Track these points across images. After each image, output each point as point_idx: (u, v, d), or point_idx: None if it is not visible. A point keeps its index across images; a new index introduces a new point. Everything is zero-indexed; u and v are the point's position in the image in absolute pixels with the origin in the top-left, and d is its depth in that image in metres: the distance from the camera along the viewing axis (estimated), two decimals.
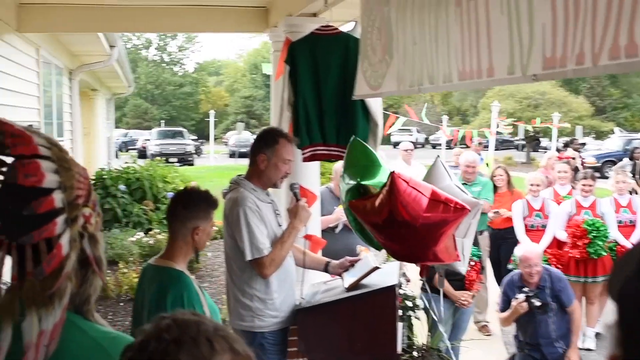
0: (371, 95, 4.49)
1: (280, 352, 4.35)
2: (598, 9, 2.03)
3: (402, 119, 17.28)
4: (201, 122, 63.64)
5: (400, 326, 5.06)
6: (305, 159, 5.11)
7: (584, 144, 35.77)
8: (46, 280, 1.67)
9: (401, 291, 5.77)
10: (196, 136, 54.72)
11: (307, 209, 4.38)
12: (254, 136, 5.04)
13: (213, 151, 41.76)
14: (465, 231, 3.95)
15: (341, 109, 4.91)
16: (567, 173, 9.03)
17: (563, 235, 7.90)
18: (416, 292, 6.17)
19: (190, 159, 38.49)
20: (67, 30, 8.21)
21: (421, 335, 5.98)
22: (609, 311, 7.63)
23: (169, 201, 3.52)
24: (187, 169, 28.85)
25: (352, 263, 4.66)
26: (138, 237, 11.09)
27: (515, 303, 5.78)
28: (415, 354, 5.69)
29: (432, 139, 50.33)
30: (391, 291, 4.26)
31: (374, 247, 4.53)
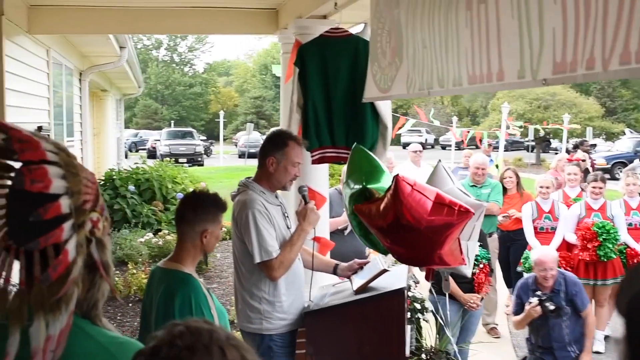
0: (381, 98, 4.48)
1: (288, 355, 4.33)
2: (609, 15, 2.02)
3: (412, 120, 17.30)
4: (211, 123, 63.80)
5: (409, 329, 5.05)
6: (314, 162, 5.10)
7: (594, 145, 35.68)
8: (53, 285, 1.66)
9: (410, 293, 5.76)
10: (206, 136, 54.85)
11: (316, 211, 4.36)
12: (264, 137, 5.04)
13: (222, 152, 41.82)
14: (469, 234, 3.93)
15: (350, 111, 4.89)
16: (576, 175, 9.00)
17: (573, 238, 7.87)
18: (425, 294, 6.16)
19: (199, 159, 38.55)
20: (77, 32, 8.24)
21: (430, 337, 5.97)
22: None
23: (178, 204, 3.52)
24: (197, 169, 28.93)
25: (361, 265, 4.65)
26: (147, 237, 11.12)
27: (529, 307, 5.75)
28: (423, 357, 5.68)
29: (442, 140, 50.16)
30: (400, 294, 4.24)
31: (379, 252, 4.52)
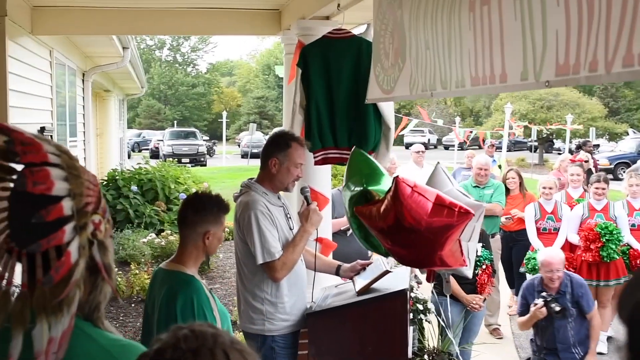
0: (383, 99, 4.48)
1: (290, 356, 4.33)
2: (611, 17, 2.01)
3: (414, 120, 17.33)
4: (214, 123, 63.86)
5: (411, 330, 5.06)
6: (317, 163, 5.10)
7: (597, 146, 35.66)
8: (55, 287, 1.66)
9: (412, 294, 5.76)
10: (208, 137, 54.85)
11: (319, 212, 4.36)
12: (267, 137, 5.03)
13: (225, 152, 41.83)
14: (470, 234, 3.93)
15: (353, 112, 4.89)
16: (579, 176, 9.00)
17: (575, 239, 7.86)
18: (427, 295, 6.16)
19: (202, 159, 38.54)
20: (81, 32, 8.24)
21: (432, 338, 5.97)
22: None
23: (180, 205, 3.51)
24: (200, 169, 28.98)
25: (364, 266, 4.65)
26: (150, 238, 11.12)
27: (534, 308, 5.74)
28: (426, 358, 5.69)
29: (444, 140, 50.16)
30: (402, 295, 4.24)
31: (380, 254, 4.51)
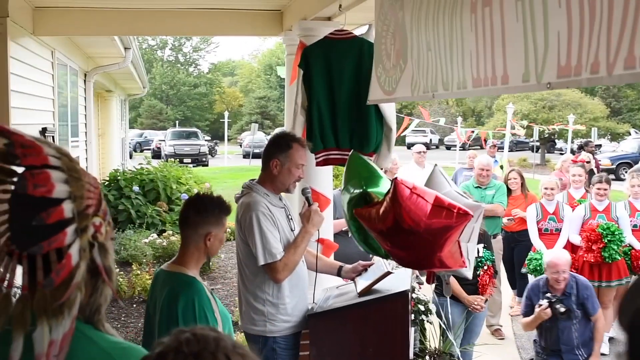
0: (385, 101, 4.47)
1: (292, 357, 4.33)
2: (613, 19, 2.01)
3: (416, 120, 17.32)
4: (215, 123, 63.88)
5: (413, 331, 5.05)
6: (319, 164, 5.09)
7: (599, 146, 35.58)
8: (56, 290, 1.66)
9: (414, 295, 5.75)
10: (210, 137, 54.87)
11: (320, 213, 4.36)
12: (268, 137, 5.03)
13: (227, 152, 41.84)
14: (469, 235, 3.93)
15: (355, 113, 4.88)
16: (581, 177, 8.99)
17: (577, 239, 7.86)
18: (429, 296, 6.15)
19: (204, 159, 38.55)
20: (82, 33, 8.24)
21: (434, 339, 5.96)
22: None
23: (181, 207, 3.51)
24: (201, 169, 28.98)
25: (365, 267, 4.65)
26: (151, 238, 11.12)
27: (539, 309, 5.73)
28: (427, 359, 5.68)
29: (446, 140, 50.12)
30: (403, 297, 4.24)
31: (379, 256, 4.51)
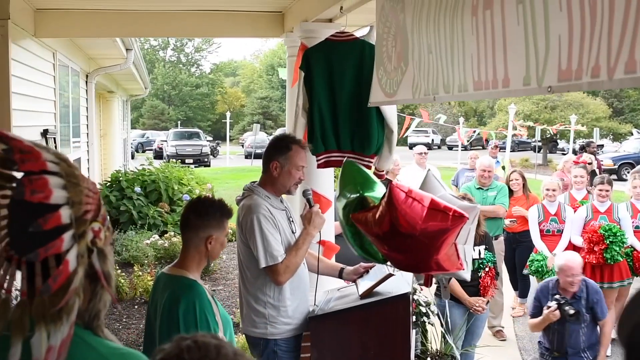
0: (386, 103, 4.47)
1: (293, 359, 4.32)
2: (614, 23, 2.01)
3: (417, 119, 17.32)
4: (217, 123, 63.93)
5: (414, 333, 5.04)
6: (320, 166, 5.09)
7: (601, 146, 35.55)
8: (54, 296, 1.66)
9: (415, 297, 5.75)
10: (212, 137, 54.87)
11: (321, 215, 4.35)
12: (270, 137, 5.02)
13: (229, 152, 41.84)
14: (465, 237, 3.93)
15: (356, 115, 4.88)
16: (583, 178, 8.97)
17: (579, 241, 7.84)
18: (431, 297, 6.15)
19: (206, 160, 38.58)
20: (84, 35, 8.23)
21: (435, 341, 5.95)
22: None
23: (183, 209, 3.50)
24: (203, 170, 28.97)
25: (367, 269, 4.65)
26: (153, 239, 11.11)
27: (548, 311, 5.71)
28: None
29: (448, 140, 50.07)
30: (405, 299, 4.24)
31: (376, 261, 4.51)
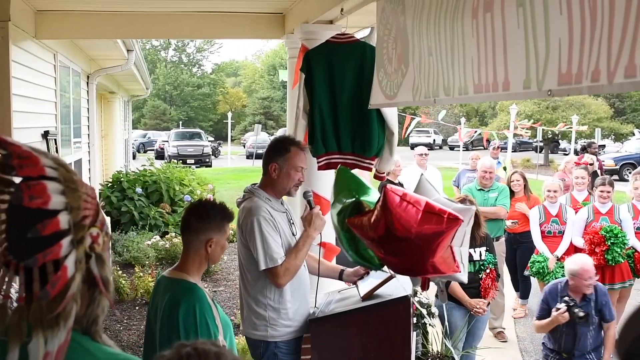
0: (387, 105, 4.47)
1: None
2: (614, 27, 2.00)
3: (417, 119, 17.33)
4: (219, 123, 63.92)
5: (414, 335, 5.04)
6: (320, 167, 5.08)
7: (603, 146, 35.51)
8: (52, 302, 1.66)
9: (416, 299, 5.74)
10: (214, 137, 54.88)
11: (322, 217, 4.34)
12: (272, 137, 5.02)
13: (230, 152, 41.84)
14: (461, 240, 3.92)
15: (357, 117, 4.87)
16: (584, 179, 8.96)
17: (580, 242, 7.84)
18: (432, 298, 6.15)
19: (207, 160, 38.56)
20: (84, 36, 8.22)
21: (436, 342, 5.95)
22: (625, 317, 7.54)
23: (184, 212, 3.50)
24: (205, 170, 28.99)
25: (367, 271, 4.64)
26: (154, 240, 11.12)
27: (557, 313, 5.69)
28: None
29: (450, 140, 50.06)
30: (405, 301, 4.23)
31: (372, 266, 4.51)
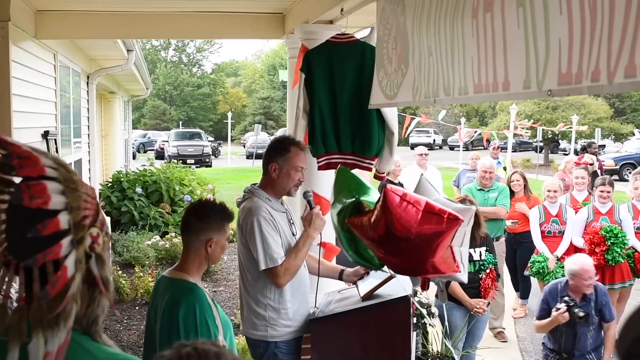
0: (386, 105, 4.47)
1: None
2: (614, 27, 2.00)
3: (416, 119, 17.34)
4: (219, 123, 63.91)
5: (414, 335, 5.04)
6: (320, 168, 5.08)
7: (603, 146, 35.50)
8: (52, 302, 1.66)
9: (416, 299, 5.74)
10: (214, 137, 54.87)
11: (322, 217, 4.33)
12: (272, 137, 5.02)
13: (230, 152, 41.84)
14: (461, 240, 3.92)
15: (357, 117, 4.87)
16: (584, 179, 8.96)
17: (580, 242, 7.84)
18: (432, 298, 6.14)
19: (207, 160, 38.55)
20: (84, 36, 8.21)
21: (436, 342, 5.95)
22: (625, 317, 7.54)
23: (184, 212, 3.49)
24: (205, 170, 28.98)
25: (367, 271, 4.64)
26: (154, 240, 11.12)
27: (557, 313, 5.69)
28: None
29: (450, 140, 50.04)
30: (405, 301, 4.23)
31: (372, 266, 4.51)
